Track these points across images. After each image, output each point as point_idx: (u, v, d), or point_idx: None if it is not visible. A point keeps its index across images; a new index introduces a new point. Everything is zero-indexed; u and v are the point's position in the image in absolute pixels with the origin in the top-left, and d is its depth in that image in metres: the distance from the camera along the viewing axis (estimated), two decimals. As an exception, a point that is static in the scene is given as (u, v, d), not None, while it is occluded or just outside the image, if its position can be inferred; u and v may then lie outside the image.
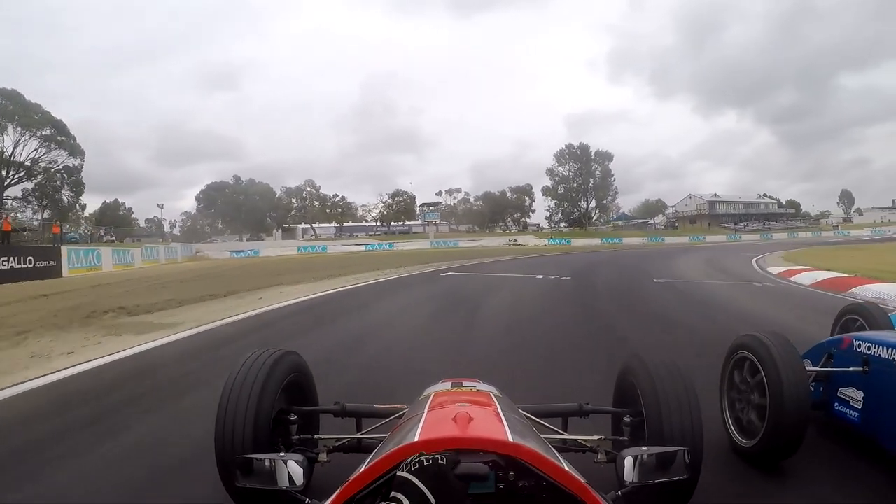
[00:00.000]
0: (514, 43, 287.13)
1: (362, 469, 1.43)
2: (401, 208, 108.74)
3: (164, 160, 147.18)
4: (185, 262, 46.47)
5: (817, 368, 3.74)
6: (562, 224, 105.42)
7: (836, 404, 3.57)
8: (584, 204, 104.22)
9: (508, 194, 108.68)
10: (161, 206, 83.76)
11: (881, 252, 31.19)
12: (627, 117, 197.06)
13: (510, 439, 1.49)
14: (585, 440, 2.70)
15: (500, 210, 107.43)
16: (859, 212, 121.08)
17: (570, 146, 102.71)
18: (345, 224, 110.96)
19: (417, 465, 1.31)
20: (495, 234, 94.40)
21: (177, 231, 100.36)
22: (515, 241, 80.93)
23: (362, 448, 2.77)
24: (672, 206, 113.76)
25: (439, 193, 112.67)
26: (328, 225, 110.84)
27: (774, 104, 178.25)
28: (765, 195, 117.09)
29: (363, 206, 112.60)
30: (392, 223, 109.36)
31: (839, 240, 69.63)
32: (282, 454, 1.70)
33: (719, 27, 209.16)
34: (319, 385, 3.29)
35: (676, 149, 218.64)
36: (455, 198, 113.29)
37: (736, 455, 3.40)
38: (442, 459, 1.32)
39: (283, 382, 2.81)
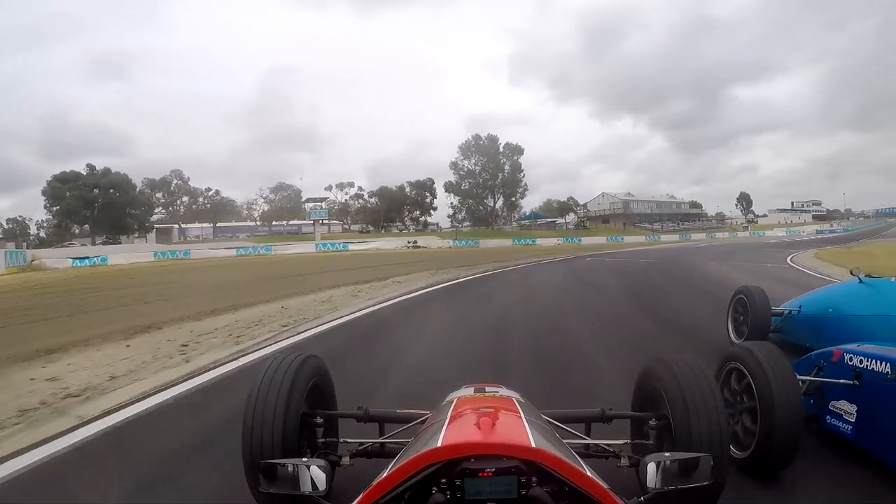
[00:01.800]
0: (417, 41, 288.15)
1: (385, 474, 1.45)
2: (285, 205, 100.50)
3: (43, 155, 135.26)
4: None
5: (808, 378, 3.87)
6: (466, 223, 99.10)
7: (829, 417, 3.75)
8: (491, 201, 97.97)
9: (407, 190, 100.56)
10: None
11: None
12: (527, 120, 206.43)
13: (533, 444, 1.52)
14: (608, 445, 2.77)
15: (398, 208, 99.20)
16: (753, 213, 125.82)
17: (476, 137, 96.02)
18: (224, 224, 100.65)
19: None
20: (392, 235, 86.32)
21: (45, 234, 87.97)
22: (415, 242, 73.28)
23: (385, 453, 2.85)
24: (583, 205, 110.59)
25: (329, 188, 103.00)
26: (209, 225, 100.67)
27: (669, 111, 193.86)
28: (671, 196, 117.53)
29: (243, 203, 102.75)
30: (276, 222, 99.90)
31: (786, 240, 65.50)
32: (304, 459, 1.73)
33: (620, 36, 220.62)
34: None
35: (574, 152, 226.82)
36: (347, 193, 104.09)
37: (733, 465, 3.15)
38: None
39: (307, 386, 2.89)
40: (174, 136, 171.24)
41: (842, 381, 3.63)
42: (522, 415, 1.97)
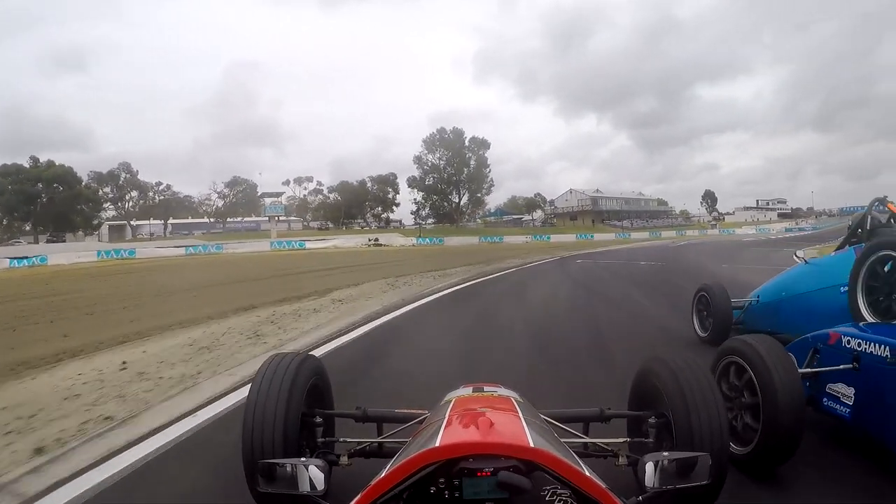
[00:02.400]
0: (381, 37, 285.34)
1: (383, 474, 1.46)
2: (241, 201, 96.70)
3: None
4: None
5: (806, 369, 3.84)
6: (430, 220, 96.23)
7: (825, 399, 3.73)
8: (455, 197, 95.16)
9: (369, 185, 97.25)
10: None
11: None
12: (492, 117, 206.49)
13: (531, 444, 1.53)
14: (607, 444, 2.77)
15: (360, 204, 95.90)
16: (718, 212, 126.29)
17: (441, 131, 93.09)
18: (180, 220, 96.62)
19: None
20: (353, 232, 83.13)
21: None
22: (376, 240, 70.37)
23: (383, 453, 2.85)
24: (550, 202, 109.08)
25: (287, 183, 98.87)
26: (163, 222, 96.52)
27: (633, 110, 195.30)
28: (640, 193, 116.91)
29: (195, 197, 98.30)
30: (231, 219, 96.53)
31: (762, 239, 63.36)
32: (303, 459, 1.74)
33: (585, 34, 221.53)
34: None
35: (538, 149, 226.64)
36: (306, 189, 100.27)
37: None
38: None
39: (307, 386, 2.90)
40: (132, 131, 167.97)
41: (841, 366, 3.63)
42: (521, 414, 1.96)
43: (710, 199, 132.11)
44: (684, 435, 2.53)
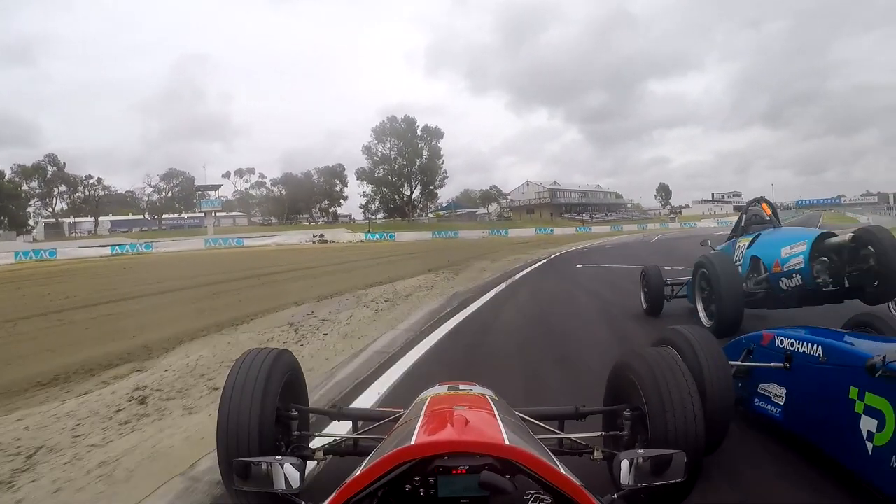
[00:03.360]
0: (331, 30, 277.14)
1: (358, 472, 1.47)
2: (178, 195, 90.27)
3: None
4: None
5: (738, 363, 3.99)
6: (380, 214, 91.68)
7: (757, 400, 3.86)
8: (407, 189, 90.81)
9: (315, 177, 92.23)
10: None
11: None
12: (443, 111, 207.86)
13: (507, 442, 1.54)
14: (582, 439, 2.80)
15: (306, 198, 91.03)
16: (671, 205, 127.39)
17: (392, 119, 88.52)
18: (120, 217, 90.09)
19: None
20: (298, 228, 78.56)
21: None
22: (321, 236, 66.02)
23: (358, 450, 2.86)
24: (506, 195, 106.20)
25: (227, 176, 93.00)
26: (104, 219, 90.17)
27: (584, 104, 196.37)
28: (598, 185, 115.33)
29: (136, 193, 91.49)
30: (167, 215, 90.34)
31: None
32: (278, 458, 1.74)
33: (537, 28, 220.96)
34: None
35: (488, 143, 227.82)
36: (248, 182, 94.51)
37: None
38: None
39: (282, 381, 2.88)
40: (74, 126, 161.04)
41: (772, 364, 3.75)
42: (496, 412, 1.97)
43: (664, 192, 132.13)
44: (659, 428, 2.54)
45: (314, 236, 65.97)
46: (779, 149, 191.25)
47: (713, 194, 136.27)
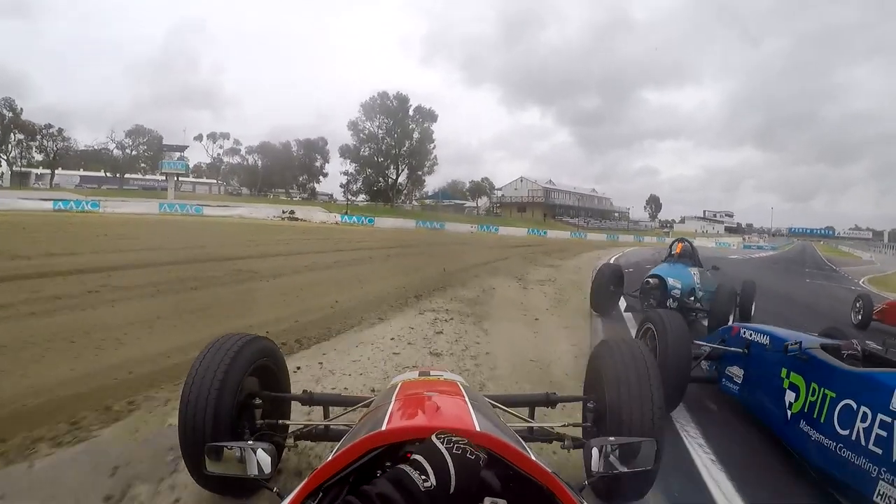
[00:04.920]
0: (325, 6, 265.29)
1: (330, 458, 1.47)
2: (143, 154, 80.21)
3: None
4: None
5: (713, 345, 5.28)
6: (361, 196, 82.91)
7: (724, 380, 5.09)
8: (393, 172, 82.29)
9: (294, 149, 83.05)
10: None
11: None
12: (434, 100, 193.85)
13: (478, 428, 1.54)
14: (552, 428, 2.89)
15: (282, 170, 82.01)
16: (659, 219, 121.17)
17: (383, 95, 79.43)
18: (92, 174, 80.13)
19: (450, 444, 1.33)
20: (268, 201, 70.20)
21: None
22: (292, 213, 57.94)
23: (330, 436, 2.88)
24: (498, 189, 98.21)
25: (199, 138, 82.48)
26: (73, 173, 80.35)
27: (578, 107, 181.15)
28: (593, 190, 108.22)
29: (103, 147, 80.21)
30: (130, 175, 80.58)
31: (742, 255, 54.78)
32: (250, 442, 1.73)
33: (537, 26, 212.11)
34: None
35: (477, 136, 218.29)
36: (222, 147, 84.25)
37: None
38: (471, 453, 1.31)
39: (249, 368, 2.82)
40: (66, 83, 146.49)
41: (734, 349, 5.00)
42: (467, 398, 1.95)
43: (654, 204, 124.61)
44: (615, 420, 2.63)
45: (284, 212, 57.99)
46: (767, 171, 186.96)
47: (705, 212, 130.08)
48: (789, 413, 4.02)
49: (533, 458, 1.43)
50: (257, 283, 11.51)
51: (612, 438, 1.78)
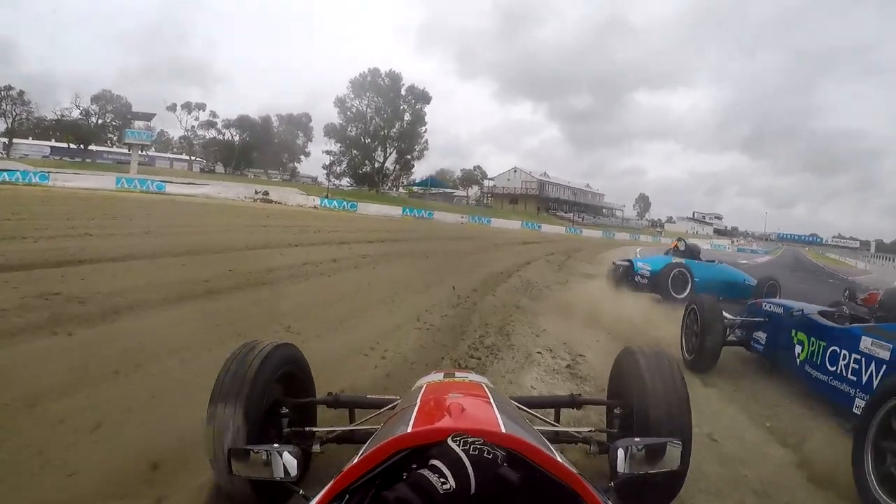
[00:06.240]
0: None
1: (355, 460, 1.45)
2: (110, 123, 71.68)
3: None
4: None
5: (743, 318, 6.88)
6: (345, 180, 76.17)
7: (753, 343, 6.61)
8: (381, 155, 75.62)
9: (276, 124, 75.70)
10: None
11: None
12: (427, 89, 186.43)
13: (503, 430, 1.52)
14: (577, 431, 2.88)
15: (261, 146, 74.19)
16: (649, 219, 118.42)
17: (374, 72, 72.57)
18: (51, 143, 72.33)
19: (467, 445, 1.31)
20: (243, 180, 62.79)
21: None
22: (266, 194, 51.41)
23: (355, 439, 2.81)
24: (490, 179, 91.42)
25: (172, 108, 74.33)
26: (42, 143, 72.83)
27: (570, 104, 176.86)
28: (588, 185, 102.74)
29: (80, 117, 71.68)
30: (97, 147, 72.19)
31: (746, 258, 49.96)
32: (276, 445, 1.70)
33: (534, 22, 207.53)
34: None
35: (468, 128, 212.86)
36: (197, 119, 75.67)
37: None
38: (489, 453, 1.29)
39: (275, 375, 2.80)
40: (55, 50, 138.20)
41: (758, 318, 6.58)
42: (492, 400, 1.93)
43: (643, 202, 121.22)
44: (642, 426, 2.59)
45: (257, 193, 51.34)
46: (753, 178, 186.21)
47: (694, 213, 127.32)
48: (798, 361, 5.61)
49: (559, 458, 1.42)
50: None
51: (637, 440, 1.70)
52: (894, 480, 3.22)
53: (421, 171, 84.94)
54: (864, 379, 4.43)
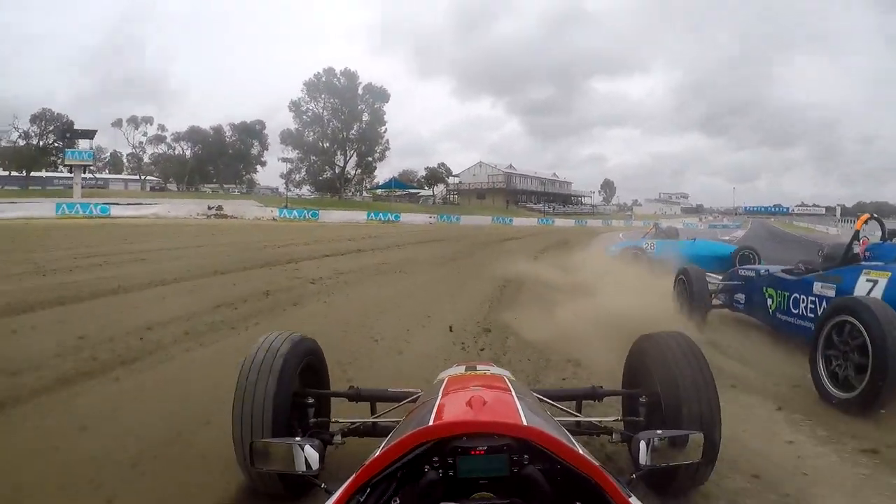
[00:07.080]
0: None
1: (377, 453, 1.45)
2: (50, 146, 65.65)
3: None
4: None
5: (726, 282, 7.96)
6: (305, 188, 72.79)
7: (735, 303, 7.56)
8: (341, 159, 72.46)
9: (228, 134, 71.56)
10: None
11: None
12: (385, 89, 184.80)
13: (525, 422, 1.52)
14: (599, 422, 2.81)
15: (215, 159, 70.47)
16: (609, 202, 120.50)
17: (329, 72, 69.45)
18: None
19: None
20: (196, 196, 58.64)
21: None
22: (219, 208, 48.02)
23: (377, 432, 2.78)
24: (456, 176, 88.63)
25: (117, 124, 69.75)
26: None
27: (529, 97, 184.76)
28: (555, 174, 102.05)
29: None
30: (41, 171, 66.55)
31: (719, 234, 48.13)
32: (298, 439, 1.72)
33: (490, 17, 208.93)
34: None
35: (428, 127, 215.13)
36: (145, 134, 71.31)
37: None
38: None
39: (299, 366, 2.79)
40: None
41: (738, 282, 7.60)
42: (513, 393, 1.92)
43: (608, 188, 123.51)
44: (673, 414, 2.50)
45: (210, 208, 47.72)
46: (714, 155, 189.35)
47: (661, 194, 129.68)
48: (770, 311, 6.60)
49: (581, 451, 1.42)
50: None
51: (659, 431, 1.69)
52: (838, 376, 4.43)
53: (384, 173, 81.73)
54: (819, 314, 5.34)
